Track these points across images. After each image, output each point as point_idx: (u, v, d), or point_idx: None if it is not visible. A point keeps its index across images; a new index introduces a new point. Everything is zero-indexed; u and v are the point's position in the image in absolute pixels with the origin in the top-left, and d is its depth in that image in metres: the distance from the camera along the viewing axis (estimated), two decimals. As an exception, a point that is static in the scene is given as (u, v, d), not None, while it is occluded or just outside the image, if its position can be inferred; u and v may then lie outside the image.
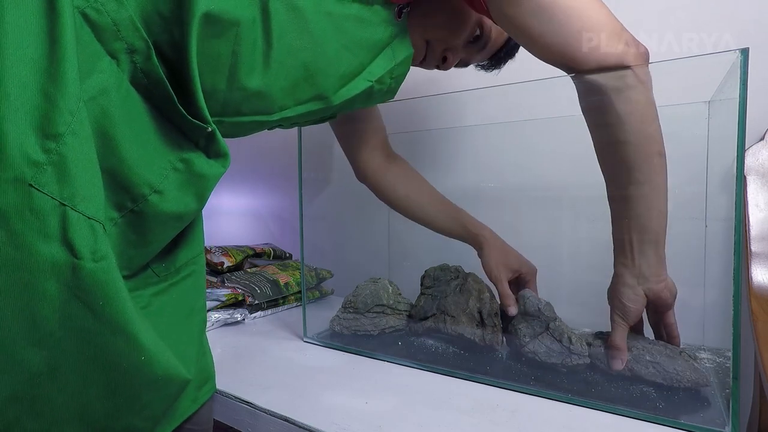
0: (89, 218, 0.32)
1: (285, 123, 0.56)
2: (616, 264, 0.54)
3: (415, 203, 0.76)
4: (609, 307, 0.58)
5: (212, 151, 0.44)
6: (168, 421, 0.44)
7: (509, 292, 0.66)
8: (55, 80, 0.31)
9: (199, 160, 0.42)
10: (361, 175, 0.78)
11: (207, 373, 0.50)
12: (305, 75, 0.50)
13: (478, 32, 0.63)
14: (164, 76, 0.39)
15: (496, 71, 0.73)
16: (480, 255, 0.71)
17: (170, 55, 0.41)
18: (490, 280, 0.69)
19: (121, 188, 0.37)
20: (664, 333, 0.57)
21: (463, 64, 0.69)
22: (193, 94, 0.40)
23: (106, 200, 0.36)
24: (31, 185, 0.29)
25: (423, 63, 0.65)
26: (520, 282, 0.70)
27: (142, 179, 0.38)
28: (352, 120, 0.76)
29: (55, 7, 0.31)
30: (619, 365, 0.53)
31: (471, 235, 0.72)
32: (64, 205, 0.31)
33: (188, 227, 0.47)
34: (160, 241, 0.43)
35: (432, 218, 0.75)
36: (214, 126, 0.42)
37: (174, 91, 0.40)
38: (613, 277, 0.55)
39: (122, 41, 0.37)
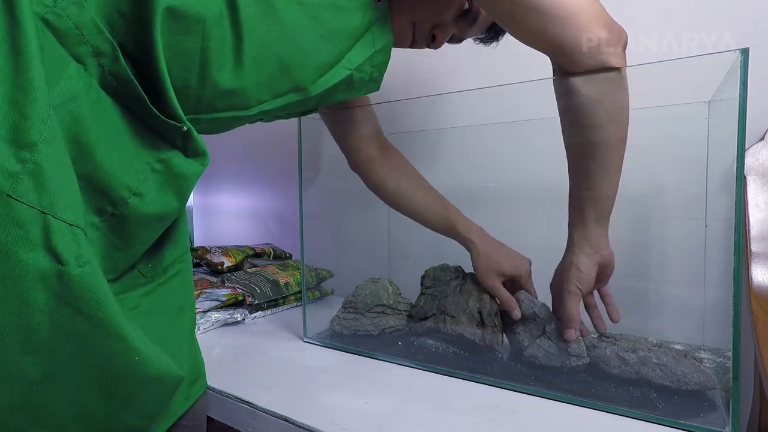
0: (70, 225, 0.32)
1: (265, 116, 0.55)
2: (576, 236, 0.57)
3: (405, 197, 0.72)
4: (556, 281, 0.61)
5: (190, 150, 0.43)
6: (163, 418, 0.45)
7: (508, 295, 0.64)
8: (23, 90, 0.30)
9: (177, 160, 0.42)
10: (353, 163, 0.75)
11: (198, 370, 0.50)
12: (280, 67, 0.49)
13: (467, 5, 0.61)
14: (133, 77, 0.38)
15: (494, 44, 0.71)
16: (471, 258, 0.69)
17: (137, 55, 0.40)
18: (484, 288, 0.67)
19: (99, 193, 0.37)
20: (605, 304, 0.60)
21: (456, 39, 0.67)
22: (165, 93, 0.40)
23: (86, 205, 0.36)
24: (9, 196, 0.29)
25: (413, 45, 0.63)
26: (514, 281, 0.68)
27: (120, 182, 0.38)
28: (342, 107, 0.74)
29: (15, 16, 0.30)
30: (573, 335, 0.56)
31: (460, 237, 0.69)
32: (45, 213, 0.31)
33: (172, 226, 0.47)
34: (143, 242, 0.43)
35: (421, 214, 0.72)
36: (189, 125, 0.41)
37: (145, 92, 0.39)
38: (569, 249, 0.58)
39: (87, 45, 0.36)
